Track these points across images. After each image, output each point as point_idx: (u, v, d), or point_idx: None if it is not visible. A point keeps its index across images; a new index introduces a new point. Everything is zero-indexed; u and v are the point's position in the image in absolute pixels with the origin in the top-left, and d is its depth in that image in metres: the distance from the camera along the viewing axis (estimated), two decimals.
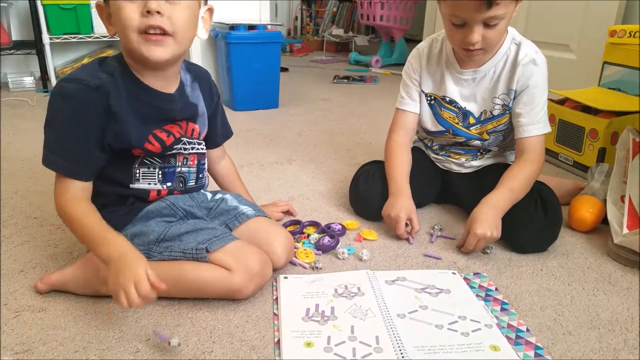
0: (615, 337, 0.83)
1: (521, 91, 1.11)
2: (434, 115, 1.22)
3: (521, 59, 1.09)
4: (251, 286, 0.86)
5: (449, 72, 1.17)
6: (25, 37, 2.74)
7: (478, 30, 1.00)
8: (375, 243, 1.13)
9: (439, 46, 1.19)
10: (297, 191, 1.41)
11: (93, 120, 0.83)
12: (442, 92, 1.19)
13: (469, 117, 1.18)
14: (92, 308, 0.86)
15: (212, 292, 0.87)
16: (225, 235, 0.89)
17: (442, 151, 1.28)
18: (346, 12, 4.89)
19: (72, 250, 1.05)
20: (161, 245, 0.88)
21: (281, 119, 2.21)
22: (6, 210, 1.23)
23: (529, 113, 1.11)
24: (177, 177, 0.96)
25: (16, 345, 0.78)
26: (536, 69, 1.10)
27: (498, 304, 0.90)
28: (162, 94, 0.90)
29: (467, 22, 1.00)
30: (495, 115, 1.16)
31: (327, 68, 3.63)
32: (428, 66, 1.20)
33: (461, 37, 1.03)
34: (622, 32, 1.58)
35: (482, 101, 1.16)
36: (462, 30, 1.02)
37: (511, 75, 1.11)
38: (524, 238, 1.08)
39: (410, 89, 1.23)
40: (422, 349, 0.77)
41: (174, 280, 0.85)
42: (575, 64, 2.12)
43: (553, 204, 1.10)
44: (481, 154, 1.24)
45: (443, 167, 1.29)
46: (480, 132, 1.19)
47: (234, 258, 0.85)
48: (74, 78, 0.82)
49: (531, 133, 1.12)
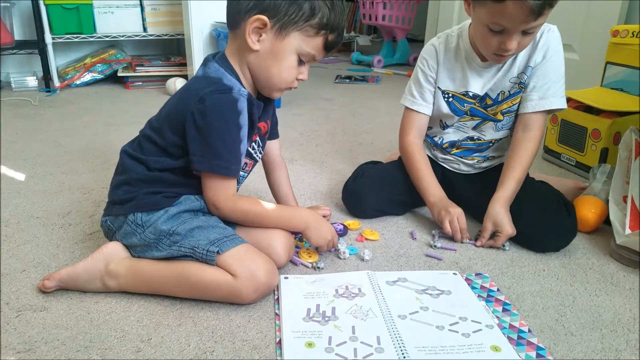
0: (618, 338, 0.83)
1: (537, 63, 1.10)
2: (454, 111, 1.20)
3: (539, 34, 1.08)
4: (255, 295, 0.86)
5: (470, 67, 1.15)
6: (27, 36, 2.75)
7: (517, 38, 0.99)
8: (377, 243, 1.13)
9: (455, 41, 1.16)
10: (299, 191, 1.41)
11: (245, 125, 0.91)
12: (464, 87, 1.17)
13: (486, 98, 1.17)
14: (94, 307, 0.87)
15: (214, 296, 0.87)
16: (235, 236, 0.89)
17: (453, 149, 1.25)
18: (348, 12, 4.89)
19: (73, 250, 1.05)
20: (170, 239, 0.88)
21: (283, 118, 2.21)
22: (8, 210, 1.24)
23: (542, 87, 1.10)
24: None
25: (18, 344, 0.78)
26: (552, 36, 1.09)
27: (500, 304, 0.90)
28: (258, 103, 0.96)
29: (507, 30, 0.97)
30: (512, 94, 1.15)
31: (329, 68, 3.62)
32: (445, 62, 1.18)
33: (497, 43, 1.01)
34: (624, 32, 1.57)
35: (500, 84, 1.15)
36: (499, 37, 1.00)
37: (530, 53, 1.10)
38: (549, 237, 1.08)
39: (424, 90, 1.20)
40: (423, 349, 0.77)
41: (177, 280, 0.86)
42: (578, 64, 2.12)
43: (570, 203, 1.13)
44: (492, 145, 1.23)
45: (450, 169, 1.28)
46: (495, 112, 1.18)
47: (240, 264, 0.84)
48: (224, 89, 0.88)
49: (542, 107, 1.11)
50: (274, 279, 0.89)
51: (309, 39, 0.89)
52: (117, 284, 0.89)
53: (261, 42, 0.89)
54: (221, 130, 0.88)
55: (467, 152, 1.25)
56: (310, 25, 0.88)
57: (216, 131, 0.88)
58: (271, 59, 0.91)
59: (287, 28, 0.88)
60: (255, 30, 0.88)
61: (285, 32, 0.88)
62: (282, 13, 0.87)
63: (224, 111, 0.88)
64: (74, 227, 1.15)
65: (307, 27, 0.88)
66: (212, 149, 0.88)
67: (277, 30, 0.88)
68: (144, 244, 0.90)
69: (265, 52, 0.90)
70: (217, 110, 0.87)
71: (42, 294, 0.90)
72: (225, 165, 0.89)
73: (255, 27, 0.88)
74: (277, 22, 0.87)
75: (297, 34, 0.88)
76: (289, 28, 0.88)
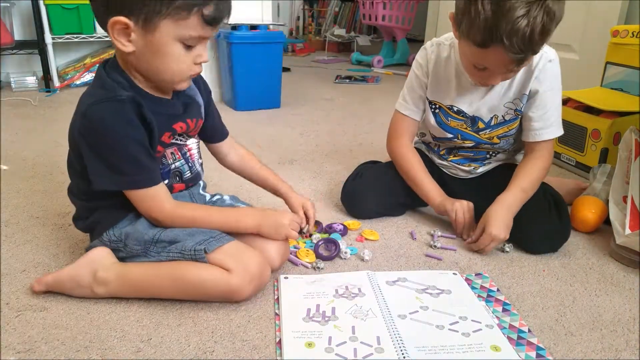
0: (617, 338, 0.83)
1: (535, 93, 1.09)
2: (439, 124, 1.18)
3: (536, 60, 1.05)
4: (249, 288, 0.86)
5: (459, 82, 1.13)
6: (27, 36, 2.75)
7: (500, 77, 1.00)
8: (377, 243, 1.13)
9: (446, 51, 1.14)
10: (299, 191, 1.40)
11: (140, 131, 0.84)
12: (449, 101, 1.15)
13: (478, 122, 1.15)
14: (94, 307, 0.87)
15: (211, 293, 0.86)
16: (222, 235, 0.88)
17: (450, 156, 1.25)
18: (348, 12, 4.89)
19: (74, 250, 1.05)
20: (158, 246, 0.88)
21: (283, 119, 2.21)
22: (8, 210, 1.24)
23: (542, 117, 1.10)
24: (173, 173, 0.96)
25: (18, 344, 0.78)
26: (550, 66, 1.07)
27: (500, 304, 0.90)
28: (165, 100, 0.91)
29: (490, 70, 0.98)
30: (507, 120, 1.14)
31: (329, 68, 3.63)
32: (435, 71, 1.16)
33: (480, 76, 1.02)
34: (624, 32, 1.57)
35: (493, 107, 1.13)
36: (483, 72, 1.00)
37: (526, 78, 1.08)
38: (539, 239, 1.08)
39: (416, 95, 1.19)
40: (423, 349, 0.77)
41: (172, 280, 0.85)
42: (578, 64, 2.12)
43: (564, 205, 1.12)
44: (490, 157, 1.23)
45: (449, 173, 1.27)
46: (490, 136, 1.16)
47: (233, 259, 0.85)
48: (103, 98, 0.82)
49: (544, 137, 1.11)
50: (265, 272, 0.89)
51: (183, 22, 0.78)
52: (106, 291, 0.87)
53: (133, 42, 0.80)
54: (111, 142, 0.82)
55: (464, 160, 1.24)
56: (176, 7, 0.77)
57: (106, 145, 0.82)
58: (152, 55, 0.81)
59: (153, 20, 0.77)
60: (120, 32, 0.79)
61: (152, 25, 0.78)
62: (139, 7, 0.77)
63: (107, 122, 0.81)
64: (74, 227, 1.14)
65: (174, 11, 0.77)
66: (108, 164, 0.83)
67: (142, 26, 0.78)
68: (132, 255, 0.90)
69: (142, 50, 0.81)
70: (100, 122, 0.81)
71: (42, 294, 0.90)
72: (128, 179, 0.84)
73: (118, 30, 0.79)
74: (139, 18, 0.77)
75: (167, 21, 0.78)
76: (154, 19, 0.77)
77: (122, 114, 0.82)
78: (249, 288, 0.86)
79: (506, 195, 1.08)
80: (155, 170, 0.88)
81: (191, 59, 0.84)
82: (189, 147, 0.98)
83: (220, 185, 1.40)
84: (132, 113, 0.82)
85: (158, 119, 0.87)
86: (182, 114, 0.93)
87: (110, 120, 0.81)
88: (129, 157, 0.83)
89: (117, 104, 0.81)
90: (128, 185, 0.86)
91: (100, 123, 0.81)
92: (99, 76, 0.86)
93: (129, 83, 0.85)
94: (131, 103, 0.82)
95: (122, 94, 0.82)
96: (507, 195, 1.08)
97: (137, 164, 0.84)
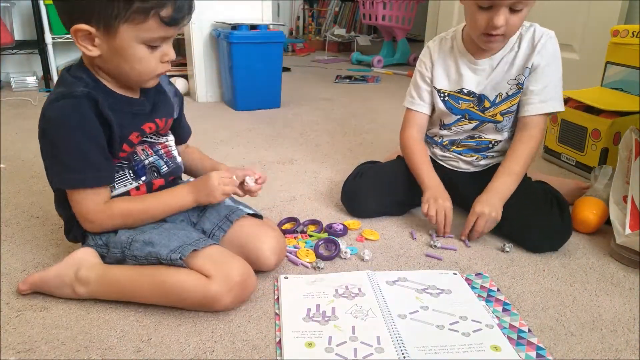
0: (618, 338, 0.83)
1: (537, 67, 1.12)
2: (450, 109, 1.22)
3: (538, 37, 1.11)
4: (229, 296, 0.83)
5: (464, 64, 1.18)
6: (27, 36, 2.75)
7: (504, 13, 1.02)
8: (377, 243, 1.13)
9: (449, 43, 1.21)
10: (299, 191, 1.41)
11: (96, 127, 0.82)
12: (459, 85, 1.19)
13: (484, 100, 1.18)
14: (94, 307, 0.87)
15: (189, 299, 0.83)
16: (198, 240, 0.86)
17: (453, 146, 1.26)
18: (348, 12, 4.89)
19: (73, 250, 1.05)
20: (132, 248, 0.86)
21: (283, 118, 2.21)
22: (8, 210, 1.24)
23: (543, 90, 1.13)
24: (149, 168, 0.94)
25: (18, 344, 0.78)
26: (551, 42, 1.12)
27: (500, 304, 0.90)
28: (133, 100, 0.90)
29: (494, 5, 1.01)
30: (510, 95, 1.16)
31: (329, 68, 3.63)
32: (439, 61, 1.21)
33: (485, 21, 1.04)
34: (624, 32, 1.57)
35: (497, 85, 1.17)
36: (487, 14, 1.03)
37: (529, 54, 1.12)
38: (540, 238, 1.09)
39: (421, 90, 1.24)
40: (423, 349, 0.77)
41: (152, 284, 0.84)
42: (578, 64, 2.12)
43: (565, 204, 1.13)
44: (492, 148, 1.23)
45: (449, 167, 1.28)
46: (494, 114, 1.19)
47: (214, 265, 0.83)
48: (59, 96, 0.81)
49: (544, 110, 1.13)
50: (248, 281, 0.86)
51: (142, 25, 0.78)
52: (87, 291, 0.86)
53: (98, 47, 0.80)
54: (63, 138, 0.81)
55: (466, 150, 1.25)
56: (132, 12, 0.77)
57: (61, 143, 0.81)
58: (117, 58, 0.81)
59: (112, 25, 0.77)
60: (84, 38, 0.79)
61: (113, 30, 0.78)
62: (97, 13, 0.77)
63: (60, 118, 0.80)
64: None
65: (131, 15, 0.77)
66: (61, 162, 0.83)
67: (104, 31, 0.78)
68: (117, 260, 0.89)
69: (107, 53, 0.81)
70: (55, 120, 0.81)
71: (42, 294, 0.89)
72: (79, 177, 0.83)
73: (82, 36, 0.79)
74: (99, 24, 0.78)
75: (126, 26, 0.78)
76: (113, 24, 0.77)
77: (75, 109, 0.80)
78: (228, 297, 0.82)
79: (493, 182, 1.12)
80: (106, 170, 0.86)
81: (157, 58, 0.84)
82: (163, 144, 0.97)
83: None
84: (88, 109, 0.81)
85: (124, 117, 0.86)
86: (151, 114, 0.92)
87: (63, 117, 0.80)
88: (80, 153, 0.82)
89: (72, 100, 0.80)
90: (77, 184, 0.84)
91: (55, 120, 0.81)
92: (61, 76, 0.86)
93: (93, 81, 0.85)
94: (87, 99, 0.81)
95: (78, 90, 0.81)
96: (494, 182, 1.12)
97: (90, 161, 0.83)
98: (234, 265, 0.85)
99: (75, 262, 0.88)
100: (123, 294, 0.86)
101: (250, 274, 0.87)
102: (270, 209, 1.28)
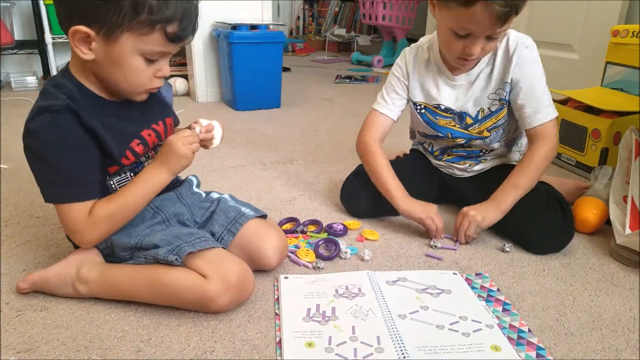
0: (618, 338, 0.83)
1: (517, 81, 1.09)
2: (428, 123, 1.20)
3: (512, 47, 1.08)
4: (226, 297, 0.82)
5: (442, 80, 1.16)
6: (27, 36, 2.75)
7: (481, 44, 1.00)
8: (377, 243, 1.13)
9: (425, 54, 1.17)
10: (299, 191, 1.41)
11: (78, 139, 0.80)
12: (436, 101, 1.17)
13: (466, 117, 1.17)
14: (94, 307, 0.87)
15: (186, 299, 0.83)
16: (196, 241, 0.85)
17: (444, 156, 1.26)
18: (348, 12, 4.89)
19: (73, 249, 1.05)
20: (140, 252, 0.87)
21: (283, 118, 2.21)
22: (8, 210, 1.24)
23: (531, 102, 1.10)
24: None
25: (18, 344, 0.78)
26: (527, 52, 1.08)
27: (500, 304, 0.90)
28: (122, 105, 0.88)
29: (473, 34, 0.98)
30: (494, 111, 1.15)
31: (329, 68, 3.63)
32: (414, 74, 1.18)
33: (461, 47, 1.01)
34: (624, 32, 1.57)
35: (477, 101, 1.15)
36: (463, 41, 1.00)
37: (505, 67, 1.10)
38: (543, 238, 1.08)
39: (394, 95, 1.21)
40: (423, 349, 0.77)
41: (149, 283, 0.84)
42: (578, 64, 2.12)
43: (567, 205, 1.12)
44: (484, 155, 1.23)
45: (445, 172, 1.28)
46: (480, 130, 1.17)
47: (212, 266, 0.82)
48: (40, 109, 0.80)
49: (540, 121, 1.11)
50: (247, 283, 0.85)
51: (145, 37, 0.77)
52: (87, 290, 0.87)
53: (94, 51, 0.78)
54: (45, 155, 0.80)
55: (458, 159, 1.25)
56: (139, 23, 0.76)
57: (42, 157, 0.81)
58: (112, 65, 0.80)
59: (114, 32, 0.76)
60: (81, 40, 0.77)
61: (114, 37, 0.77)
62: (101, 18, 0.75)
63: (42, 134, 0.79)
64: None
65: (137, 25, 0.76)
66: (42, 175, 0.83)
67: (104, 36, 0.77)
68: (121, 260, 0.89)
69: (102, 59, 0.79)
70: (36, 135, 0.79)
71: (42, 293, 0.90)
72: (59, 192, 0.82)
73: (79, 38, 0.77)
74: (101, 28, 0.76)
75: (128, 35, 0.77)
76: (116, 32, 0.76)
77: (54, 124, 0.79)
78: (225, 297, 0.82)
79: (495, 193, 1.10)
80: (91, 183, 0.84)
81: (151, 72, 0.83)
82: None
83: (220, 185, 1.40)
84: (68, 122, 0.79)
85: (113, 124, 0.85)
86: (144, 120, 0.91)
87: (43, 131, 0.79)
88: (60, 168, 0.81)
89: (50, 114, 0.78)
90: (65, 199, 0.82)
91: (35, 135, 0.80)
92: (43, 88, 0.84)
93: (78, 88, 0.83)
94: (67, 111, 0.79)
95: (57, 103, 0.79)
96: (496, 192, 1.10)
97: (75, 176, 0.82)
98: (232, 266, 0.84)
99: (78, 260, 0.88)
100: (122, 293, 0.86)
101: (248, 276, 0.86)
102: (270, 209, 1.28)
